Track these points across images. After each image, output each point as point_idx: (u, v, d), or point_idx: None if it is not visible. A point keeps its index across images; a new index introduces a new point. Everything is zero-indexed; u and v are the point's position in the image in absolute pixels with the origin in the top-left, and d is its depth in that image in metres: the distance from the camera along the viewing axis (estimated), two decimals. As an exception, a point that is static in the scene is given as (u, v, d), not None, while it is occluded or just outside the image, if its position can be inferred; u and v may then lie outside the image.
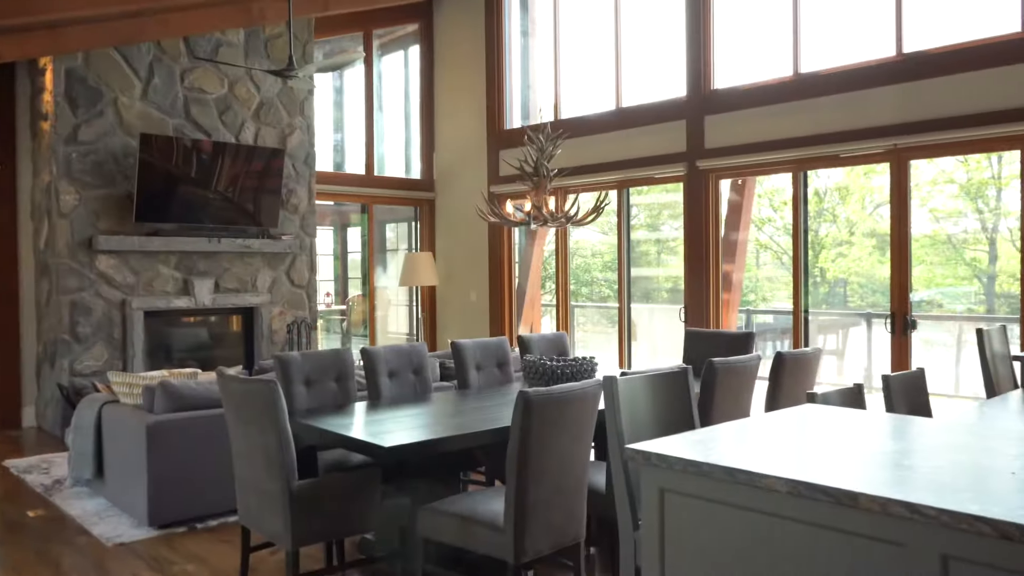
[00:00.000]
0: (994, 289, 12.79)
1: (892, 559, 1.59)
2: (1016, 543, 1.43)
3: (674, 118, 7.20)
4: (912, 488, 1.65)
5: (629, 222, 7.98)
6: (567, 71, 8.42)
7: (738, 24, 7.12)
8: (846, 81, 6.16)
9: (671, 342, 9.50)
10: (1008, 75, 5.38)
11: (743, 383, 4.00)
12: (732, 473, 1.82)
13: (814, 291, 14.31)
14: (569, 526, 3.28)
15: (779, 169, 6.72)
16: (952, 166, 12.66)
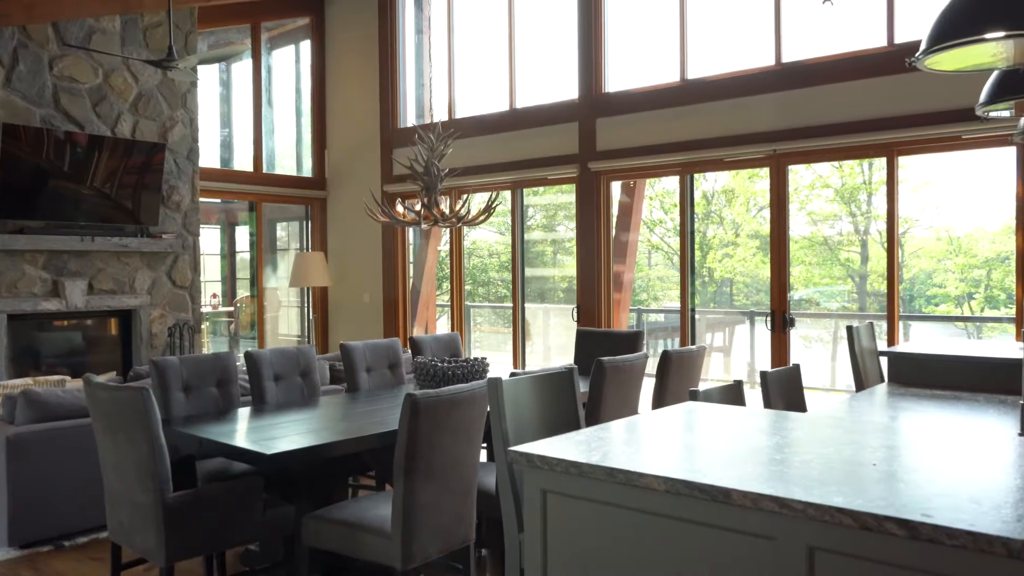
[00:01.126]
0: (866, 288, 13.58)
1: (763, 552, 1.63)
2: (875, 533, 1.49)
3: (567, 120, 7.28)
4: (782, 483, 1.69)
5: (523, 222, 8.01)
6: (462, 70, 8.39)
7: (629, 29, 7.27)
8: (730, 88, 6.38)
9: (566, 342, 9.62)
10: (877, 86, 5.70)
11: (631, 381, 4.07)
12: (612, 473, 1.83)
13: (702, 290, 14.82)
14: (458, 529, 3.24)
15: (667, 172, 6.90)
16: (828, 171, 13.36)
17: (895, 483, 1.70)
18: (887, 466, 1.84)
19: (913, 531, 1.44)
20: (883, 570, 1.50)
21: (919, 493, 1.62)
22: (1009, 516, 1.46)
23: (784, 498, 1.59)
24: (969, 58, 2.61)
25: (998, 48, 2.54)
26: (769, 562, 1.62)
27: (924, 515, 1.46)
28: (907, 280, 14.26)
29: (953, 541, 1.40)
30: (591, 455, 1.93)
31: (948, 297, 13.93)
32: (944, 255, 14.04)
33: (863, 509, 1.51)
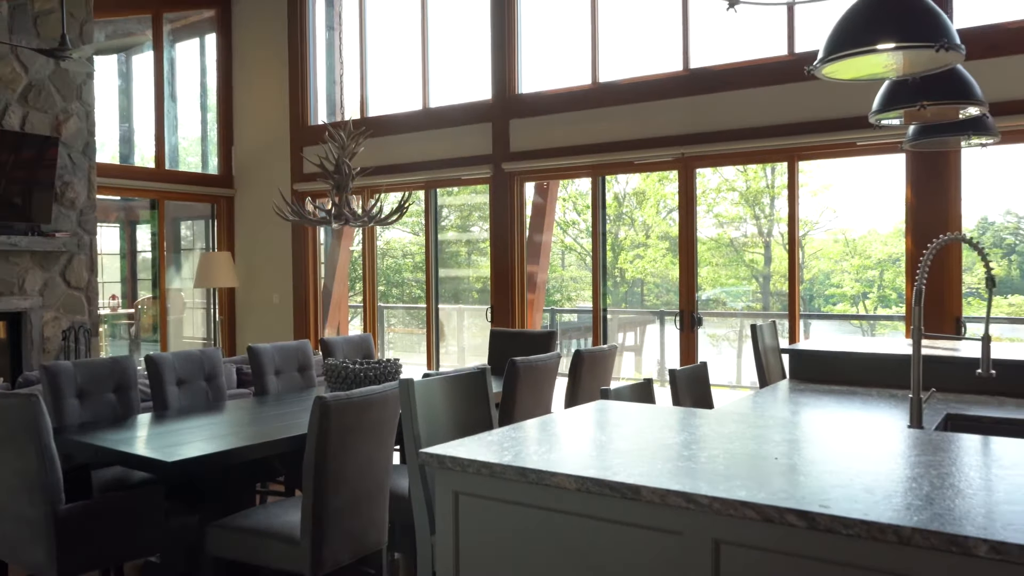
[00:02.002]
0: (769, 288, 14.11)
1: (671, 547, 1.66)
2: (777, 524, 1.53)
3: (480, 120, 7.27)
4: (690, 478, 1.73)
5: (437, 222, 7.97)
6: (375, 68, 8.28)
7: (542, 31, 7.32)
8: (640, 92, 6.51)
9: (481, 342, 9.62)
10: (779, 94, 5.92)
11: (544, 381, 4.09)
12: (524, 473, 1.83)
13: (615, 291, 15.09)
14: (370, 533, 3.19)
15: (579, 174, 6.98)
16: (733, 175, 13.81)
17: (796, 476, 1.76)
18: (788, 459, 1.90)
19: (812, 522, 1.49)
20: (784, 560, 1.54)
21: (818, 485, 1.68)
22: (899, 504, 1.53)
23: (691, 493, 1.62)
24: (864, 68, 2.73)
25: (890, 59, 2.67)
26: (677, 556, 1.65)
27: (822, 506, 1.52)
28: (807, 280, 14.89)
29: (848, 530, 1.46)
30: (503, 455, 1.93)
31: (845, 296, 14.61)
32: (841, 256, 14.72)
33: (765, 502, 1.55)
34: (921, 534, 1.39)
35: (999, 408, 3.13)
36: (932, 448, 2.02)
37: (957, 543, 1.36)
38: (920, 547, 1.40)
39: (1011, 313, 13.85)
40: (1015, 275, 15.68)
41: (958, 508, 1.51)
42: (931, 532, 1.38)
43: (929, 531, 1.39)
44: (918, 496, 1.59)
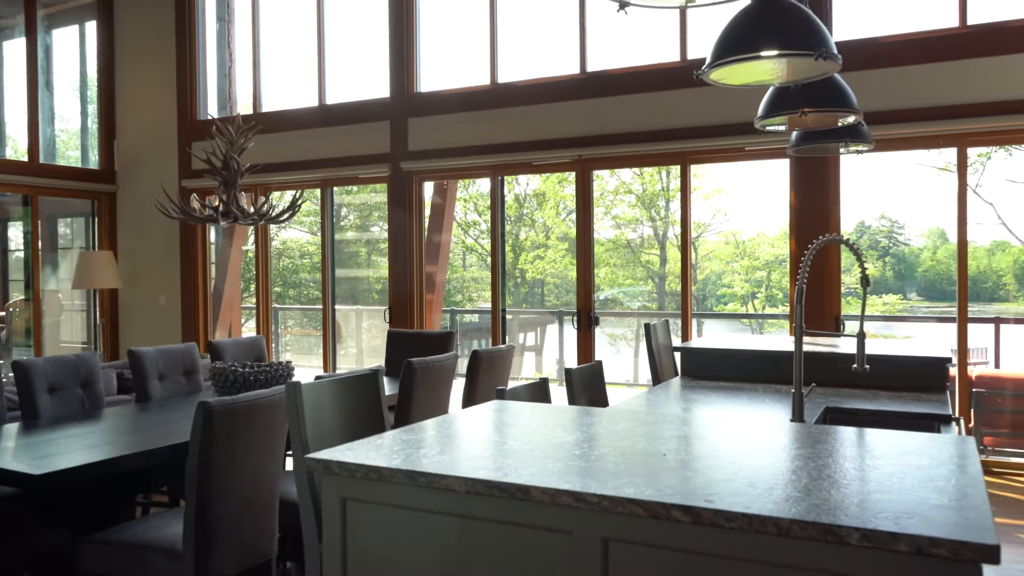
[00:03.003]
0: (664, 288, 14.50)
1: (561, 547, 1.65)
2: (663, 520, 1.55)
3: (378, 118, 7.16)
4: (579, 477, 1.73)
5: (333, 222, 7.79)
6: (269, 63, 8.03)
7: (441, 30, 7.27)
8: (538, 94, 6.55)
9: (380, 344, 9.47)
10: (671, 99, 6.07)
11: (441, 381, 4.05)
12: (413, 476, 1.78)
13: (516, 291, 15.18)
14: (259, 543, 3.07)
15: (479, 173, 6.97)
16: (631, 178, 14.14)
17: (683, 471, 1.78)
18: (677, 456, 1.93)
19: (697, 516, 1.51)
20: (671, 556, 1.56)
21: (703, 480, 1.70)
22: (779, 497, 1.57)
23: (580, 492, 1.62)
24: (752, 74, 2.82)
25: (776, 66, 2.76)
26: (567, 556, 1.64)
27: (707, 500, 1.54)
28: (700, 281, 15.40)
29: (731, 523, 1.48)
30: (392, 459, 1.88)
31: (735, 296, 15.19)
32: (732, 258, 15.30)
33: (652, 498, 1.56)
34: (799, 525, 1.43)
35: (874, 401, 3.29)
36: (811, 441, 2.10)
37: (832, 532, 1.41)
38: (798, 538, 1.44)
39: (885, 311, 14.72)
40: (889, 276, 16.69)
41: (833, 498, 1.56)
42: (808, 523, 1.42)
43: (806, 522, 1.43)
44: (797, 488, 1.64)
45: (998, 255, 16.53)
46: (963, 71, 5.36)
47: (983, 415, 6.01)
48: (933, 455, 1.90)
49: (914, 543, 1.35)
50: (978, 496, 1.56)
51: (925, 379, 3.57)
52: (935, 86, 5.41)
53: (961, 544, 1.32)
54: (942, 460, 1.85)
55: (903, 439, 2.08)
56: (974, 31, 5.36)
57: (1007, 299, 16.17)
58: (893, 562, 1.38)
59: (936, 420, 3.05)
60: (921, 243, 16.80)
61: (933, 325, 13.66)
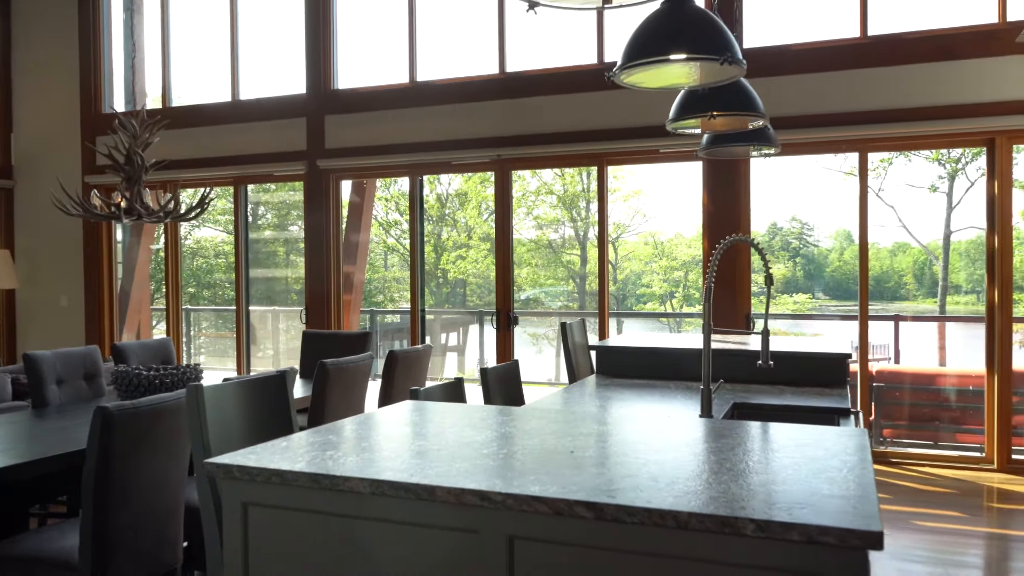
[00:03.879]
0: (585, 288, 14.67)
1: (468, 547, 1.64)
2: (567, 517, 1.56)
3: (294, 115, 7.02)
4: (486, 476, 1.72)
5: (247, 220, 7.60)
6: (179, 55, 7.76)
7: (359, 26, 7.18)
8: (457, 93, 6.53)
9: (298, 345, 9.28)
10: (589, 101, 6.14)
11: (356, 383, 3.99)
12: (317, 479, 1.74)
13: (438, 291, 15.11)
14: (163, 553, 2.96)
15: (397, 172, 6.91)
16: (552, 178, 14.25)
17: (589, 468, 1.80)
18: (584, 453, 1.95)
19: (599, 512, 1.52)
20: (575, 552, 1.57)
21: (608, 476, 1.72)
22: (680, 491, 1.60)
23: (485, 491, 1.61)
24: (664, 78, 2.87)
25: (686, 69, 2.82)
26: (473, 556, 1.64)
27: (609, 496, 1.56)
28: (620, 281, 15.65)
29: (632, 518, 1.50)
30: (296, 462, 1.84)
31: (654, 295, 15.49)
32: (651, 258, 15.59)
33: (557, 496, 1.57)
34: (697, 518, 1.46)
35: (779, 396, 3.40)
36: (715, 435, 2.15)
37: (728, 524, 1.44)
38: (696, 530, 1.47)
39: (795, 310, 15.26)
40: (799, 276, 17.31)
41: (731, 491, 1.60)
42: (705, 516, 1.45)
43: (704, 515, 1.46)
44: (698, 482, 1.67)
45: (899, 256, 17.35)
46: (864, 79, 5.59)
47: (883, 408, 6.29)
48: (827, 447, 1.97)
49: (805, 532, 1.39)
50: (866, 486, 1.63)
51: (827, 375, 3.70)
52: (838, 93, 5.64)
53: (848, 532, 1.37)
54: (835, 452, 1.92)
55: (800, 432, 2.15)
56: (874, 42, 5.61)
57: (907, 298, 16.99)
58: (786, 551, 1.42)
59: (836, 413, 3.17)
60: (829, 244, 17.50)
61: (839, 323, 14.21)
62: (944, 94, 5.43)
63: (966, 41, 5.37)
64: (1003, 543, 4.19)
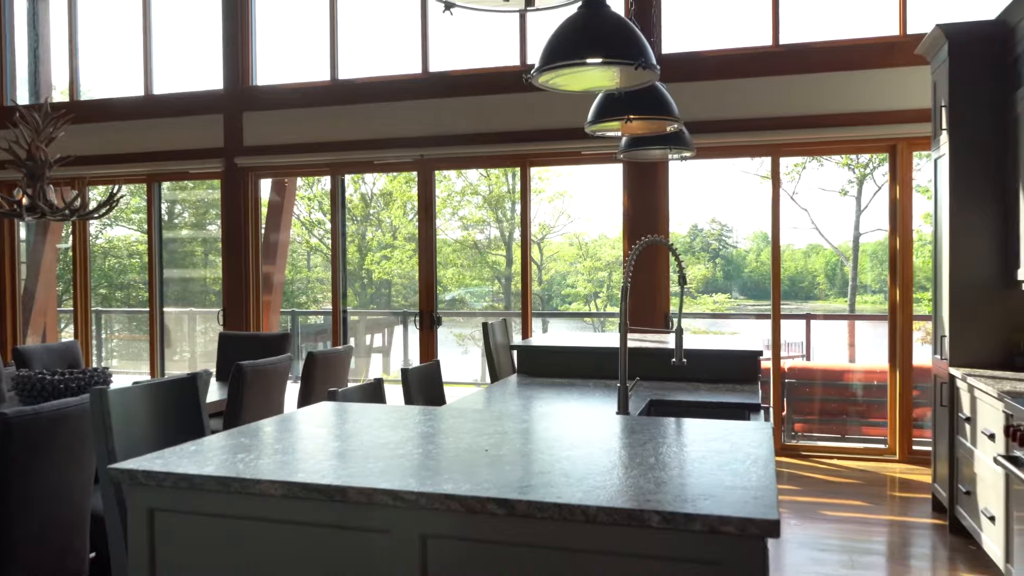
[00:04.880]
0: (511, 288, 14.74)
1: (380, 547, 1.64)
2: (479, 514, 1.57)
3: (211, 111, 6.84)
4: (399, 476, 1.72)
5: (160, 218, 7.36)
6: (88, 47, 7.47)
7: (279, 22, 7.04)
8: (380, 92, 6.48)
9: (215, 348, 9.05)
10: (512, 101, 6.17)
11: (273, 385, 3.92)
12: (226, 483, 1.71)
13: (362, 292, 14.94)
14: (67, 564, 2.84)
15: (318, 171, 6.81)
16: (477, 179, 14.27)
17: (503, 466, 1.81)
18: (499, 451, 1.97)
19: (511, 508, 1.54)
20: (488, 549, 1.58)
21: (521, 473, 1.74)
22: (590, 486, 1.63)
23: (398, 490, 1.61)
24: (583, 81, 2.91)
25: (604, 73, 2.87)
26: (385, 556, 1.63)
27: (521, 493, 1.58)
28: (546, 281, 15.79)
29: (543, 513, 1.53)
30: (204, 466, 1.80)
31: (579, 296, 15.69)
32: (575, 258, 15.78)
33: (469, 493, 1.58)
34: (605, 512, 1.49)
35: (694, 393, 3.49)
36: (629, 431, 2.20)
37: (635, 517, 1.48)
38: (604, 524, 1.50)
39: (715, 309, 15.68)
40: (719, 276, 17.80)
41: (639, 485, 1.64)
42: (613, 509, 1.49)
43: (612, 508, 1.49)
44: (609, 477, 1.71)
45: (813, 257, 18.02)
46: (776, 87, 5.79)
47: (794, 403, 6.53)
48: (733, 441, 2.04)
49: (707, 522, 1.44)
50: (766, 477, 1.69)
51: (740, 372, 3.82)
52: (752, 99, 5.82)
53: (747, 521, 1.42)
54: (740, 445, 1.99)
55: (709, 427, 2.22)
56: (786, 51, 5.81)
57: (820, 297, 17.65)
58: (690, 541, 1.46)
59: (747, 409, 3.27)
60: (747, 245, 18.05)
61: (755, 322, 14.67)
62: (851, 102, 5.66)
63: (871, 52, 5.62)
64: (904, 529, 4.40)
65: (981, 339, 4.21)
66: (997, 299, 4.22)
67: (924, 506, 4.73)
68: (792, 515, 4.59)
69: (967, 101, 4.24)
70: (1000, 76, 4.17)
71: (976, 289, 4.24)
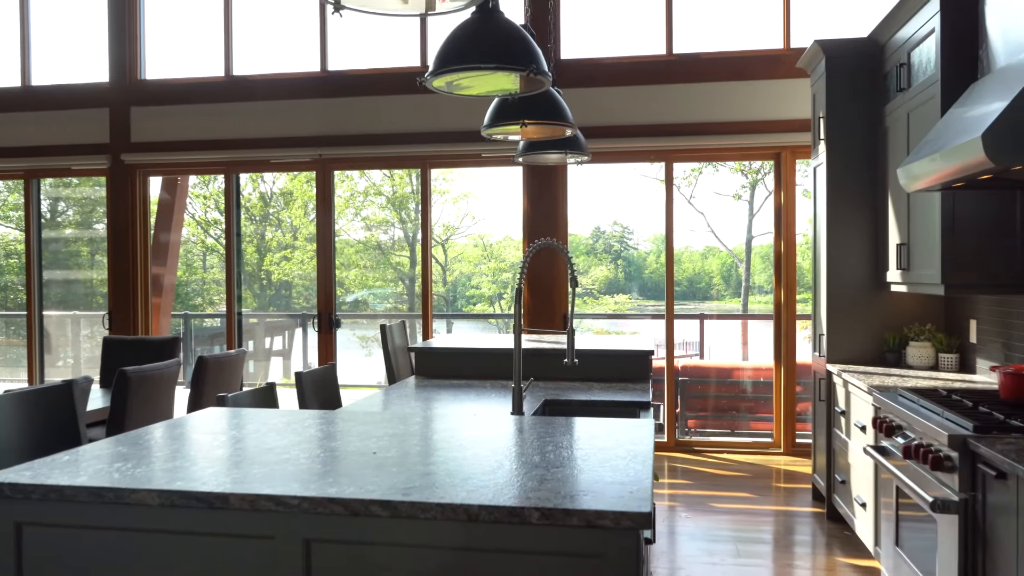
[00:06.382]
0: (415, 290, 14.66)
1: (263, 553, 1.62)
2: (363, 517, 1.58)
3: (96, 105, 6.54)
4: (282, 481, 1.70)
5: (40, 217, 6.99)
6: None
7: (170, 14, 6.79)
8: (277, 90, 6.34)
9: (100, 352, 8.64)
10: (412, 103, 6.15)
11: (161, 390, 3.79)
12: (100, 493, 1.66)
13: (261, 294, 14.56)
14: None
15: (212, 169, 6.61)
16: (381, 179, 14.13)
17: (389, 468, 1.82)
18: (387, 453, 1.97)
19: (394, 510, 1.56)
20: (372, 551, 1.59)
21: (408, 475, 1.76)
22: (474, 486, 1.66)
23: (281, 496, 1.60)
24: (479, 85, 2.94)
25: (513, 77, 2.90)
26: (268, 562, 1.62)
27: (404, 494, 1.59)
28: (451, 282, 15.77)
29: (426, 514, 1.55)
30: (77, 476, 1.73)
31: (483, 297, 15.74)
32: (480, 260, 15.83)
33: (353, 496, 1.58)
34: (487, 510, 1.52)
35: (588, 392, 3.57)
36: (518, 431, 2.24)
37: (516, 514, 1.52)
38: (486, 522, 1.53)
39: (616, 310, 16.03)
40: (621, 277, 18.21)
41: (522, 482, 1.68)
42: (494, 507, 1.52)
43: (493, 506, 1.52)
44: (494, 476, 1.74)
45: (710, 259, 18.67)
46: (670, 94, 5.98)
47: (688, 401, 6.76)
48: (617, 438, 2.11)
49: (584, 517, 1.49)
50: (643, 472, 1.76)
51: (632, 371, 3.94)
52: (647, 106, 6.00)
53: (621, 514, 1.48)
54: (622, 442, 2.06)
55: (595, 425, 2.29)
56: (679, 60, 6.01)
57: (716, 298, 18.31)
58: (569, 535, 1.51)
59: (638, 407, 3.38)
60: (648, 247, 18.53)
61: (653, 322, 15.09)
62: (740, 111, 5.91)
63: (758, 64, 5.89)
64: (787, 518, 4.63)
65: (855, 337, 4.48)
66: (869, 300, 4.49)
67: (805, 496, 4.99)
68: (685, 509, 4.75)
69: (842, 113, 4.50)
70: (872, 90, 4.45)
71: (850, 290, 4.51)
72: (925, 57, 3.75)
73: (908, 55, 3.97)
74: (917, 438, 2.83)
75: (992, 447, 2.26)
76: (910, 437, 2.91)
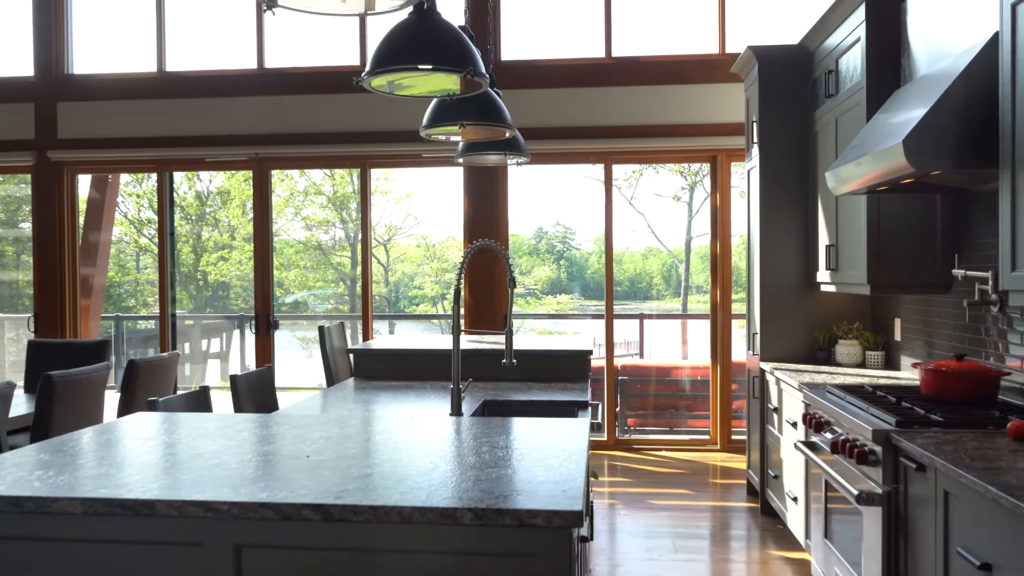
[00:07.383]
0: (356, 290, 14.52)
1: (191, 560, 1.59)
2: (295, 521, 1.56)
3: (20, 100, 6.30)
4: (212, 486, 1.67)
5: (-39, 217, 6.71)
6: None
7: (99, 7, 6.59)
8: (212, 86, 6.21)
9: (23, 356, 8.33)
10: (351, 102, 6.09)
11: (89, 395, 3.68)
12: (18, 503, 1.60)
13: (198, 295, 14.22)
14: None
15: (143, 168, 6.45)
16: (321, 179, 13.95)
17: (323, 471, 1.80)
18: (321, 456, 1.95)
19: (326, 514, 1.54)
20: (305, 555, 1.57)
21: (341, 478, 1.74)
22: (408, 488, 1.66)
23: (210, 501, 1.57)
24: (432, 84, 2.93)
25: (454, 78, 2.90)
26: (197, 569, 1.59)
27: (337, 497, 1.58)
28: (392, 283, 15.66)
29: (359, 517, 1.54)
30: (-6, 485, 1.67)
31: (426, 297, 15.67)
32: (422, 260, 15.76)
33: (285, 500, 1.56)
34: (420, 512, 1.52)
35: (527, 392, 3.59)
36: (455, 432, 2.24)
37: (449, 515, 1.52)
38: (419, 523, 1.53)
39: (559, 310, 16.13)
40: (563, 277, 18.33)
41: (456, 483, 1.68)
42: (427, 509, 1.52)
43: (426, 508, 1.52)
44: (429, 477, 1.74)
45: (651, 259, 18.93)
46: (609, 97, 6.05)
47: (627, 400, 6.85)
48: (552, 438, 2.13)
49: (517, 516, 1.50)
50: (577, 471, 1.78)
51: (571, 370, 3.97)
52: (586, 108, 6.05)
53: (553, 513, 1.50)
54: (557, 442, 2.08)
55: (531, 425, 2.31)
56: (618, 63, 6.09)
57: (657, 298, 18.57)
58: (503, 535, 1.52)
59: (576, 406, 3.41)
60: (590, 248, 18.70)
61: (594, 321, 15.25)
62: (676, 114, 6.01)
63: (695, 68, 6.00)
64: (723, 513, 4.73)
65: (787, 336, 4.60)
66: (801, 299, 4.62)
67: (740, 491, 5.10)
68: (624, 506, 4.82)
69: (775, 118, 4.62)
70: (803, 96, 4.58)
71: (783, 290, 4.63)
72: (852, 64, 3.88)
73: (836, 62, 4.10)
74: (844, 433, 2.92)
75: (913, 441, 2.35)
76: (838, 432, 3.00)
